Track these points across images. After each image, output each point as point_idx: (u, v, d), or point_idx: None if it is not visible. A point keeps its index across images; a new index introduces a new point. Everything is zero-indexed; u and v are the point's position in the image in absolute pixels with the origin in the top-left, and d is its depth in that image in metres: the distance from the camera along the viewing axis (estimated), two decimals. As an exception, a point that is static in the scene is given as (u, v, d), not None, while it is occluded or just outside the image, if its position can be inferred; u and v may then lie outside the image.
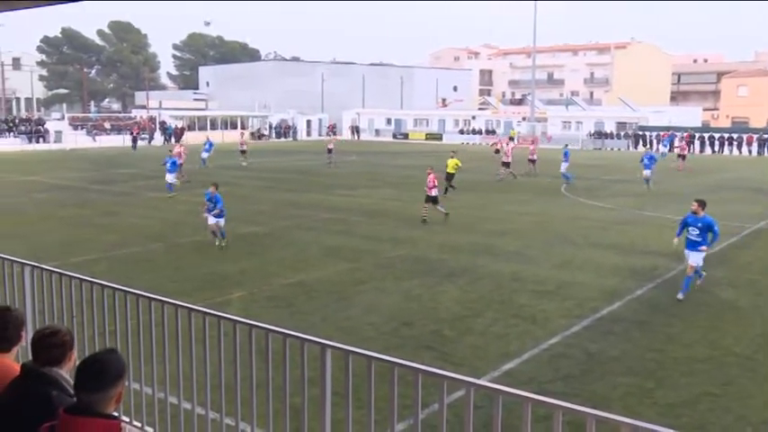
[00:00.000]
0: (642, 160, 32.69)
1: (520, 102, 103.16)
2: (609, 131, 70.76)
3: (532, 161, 37.61)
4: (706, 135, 65.32)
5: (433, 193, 21.82)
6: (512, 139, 70.96)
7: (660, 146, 59.40)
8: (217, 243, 17.56)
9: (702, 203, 13.47)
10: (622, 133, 69.68)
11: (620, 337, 10.75)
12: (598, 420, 3.54)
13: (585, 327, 11.23)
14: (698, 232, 13.04)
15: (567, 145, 39.89)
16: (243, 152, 44.46)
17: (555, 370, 9.35)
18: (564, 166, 34.06)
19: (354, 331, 10.85)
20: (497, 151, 45.41)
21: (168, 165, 27.90)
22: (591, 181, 34.82)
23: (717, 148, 63.37)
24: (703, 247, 13.05)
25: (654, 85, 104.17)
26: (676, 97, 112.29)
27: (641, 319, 11.76)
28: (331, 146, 46.58)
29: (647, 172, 31.84)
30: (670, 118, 72.79)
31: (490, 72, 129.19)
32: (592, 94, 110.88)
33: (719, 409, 8.10)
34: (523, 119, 77.96)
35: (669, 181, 35.25)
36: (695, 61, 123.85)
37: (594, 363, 9.65)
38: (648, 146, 65.78)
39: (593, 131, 71.08)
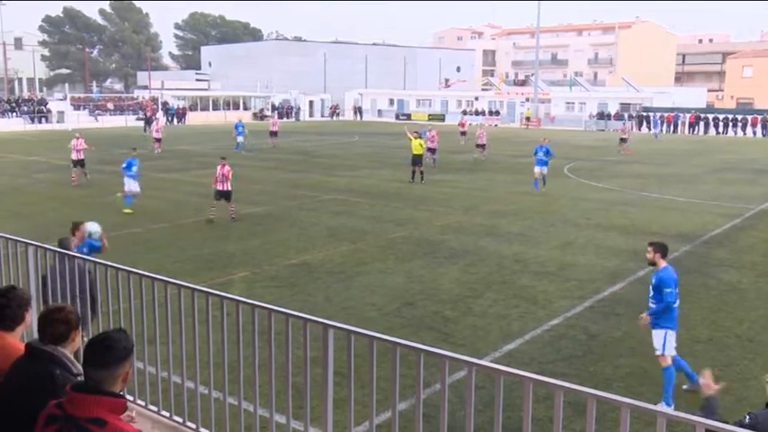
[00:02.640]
0: (536, 153, 24.38)
1: (523, 82, 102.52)
2: (614, 112, 70.44)
3: (482, 146, 35.59)
4: (710, 116, 65.05)
5: (227, 187, 18.37)
6: (528, 119, 71.38)
7: (654, 127, 59.39)
8: None
9: (660, 249, 8.10)
10: (626, 114, 69.39)
11: (622, 318, 10.77)
12: (599, 401, 3.55)
13: (587, 308, 11.26)
14: (652, 294, 8.12)
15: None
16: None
17: (556, 351, 9.39)
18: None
19: (356, 311, 10.89)
20: (464, 133, 45.72)
21: None
22: (593, 162, 34.72)
23: (721, 129, 63.10)
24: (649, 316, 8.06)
25: (658, 65, 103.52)
26: (681, 78, 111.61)
27: (643, 299, 11.71)
28: (275, 128, 43.38)
29: (540, 169, 24.01)
30: (674, 99, 72.44)
31: (493, 52, 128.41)
32: (596, 74, 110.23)
33: (720, 391, 8.11)
34: (527, 99, 77.68)
35: (675, 161, 35.15)
36: (700, 41, 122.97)
37: (596, 344, 9.68)
38: (652, 126, 65.76)
39: (596, 112, 70.80)
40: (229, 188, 18.45)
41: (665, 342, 7.88)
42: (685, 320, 10.69)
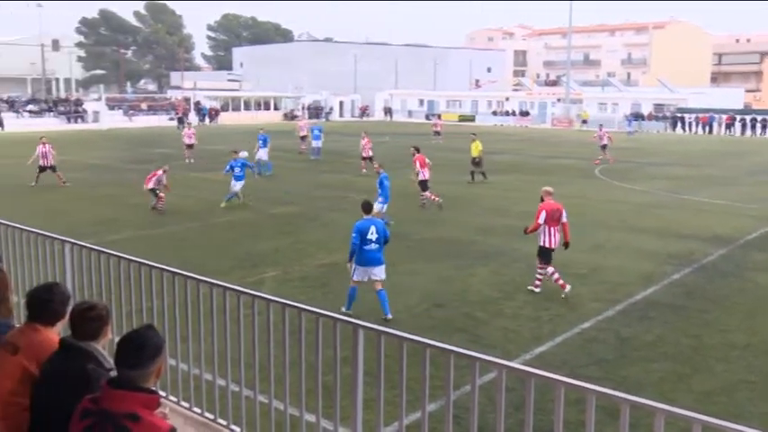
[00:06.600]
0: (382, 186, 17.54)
1: (554, 83, 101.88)
2: (647, 113, 69.59)
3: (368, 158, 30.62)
4: (748, 117, 63.92)
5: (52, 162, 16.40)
6: (584, 122, 69.47)
7: (628, 125, 59.27)
8: None
9: (361, 205, 11.15)
10: (660, 115, 68.52)
11: (656, 321, 10.61)
12: (632, 405, 3.51)
13: (619, 311, 11.11)
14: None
15: (262, 129, 31.81)
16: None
17: (588, 354, 9.28)
18: (263, 153, 28.94)
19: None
20: (438, 133, 46.55)
21: None
22: (626, 164, 34.31)
23: (759, 131, 61.96)
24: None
25: (694, 65, 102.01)
26: (717, 78, 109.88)
27: (677, 303, 11.59)
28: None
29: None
30: (710, 99, 71.30)
31: (524, 53, 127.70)
32: (629, 75, 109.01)
33: (757, 398, 7.97)
34: (558, 100, 77.10)
35: (710, 162, 34.58)
36: (737, 41, 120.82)
37: (628, 348, 9.55)
38: (687, 128, 64.87)
39: (629, 113, 69.96)
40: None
41: (352, 271, 10.52)
42: (720, 324, 10.51)
